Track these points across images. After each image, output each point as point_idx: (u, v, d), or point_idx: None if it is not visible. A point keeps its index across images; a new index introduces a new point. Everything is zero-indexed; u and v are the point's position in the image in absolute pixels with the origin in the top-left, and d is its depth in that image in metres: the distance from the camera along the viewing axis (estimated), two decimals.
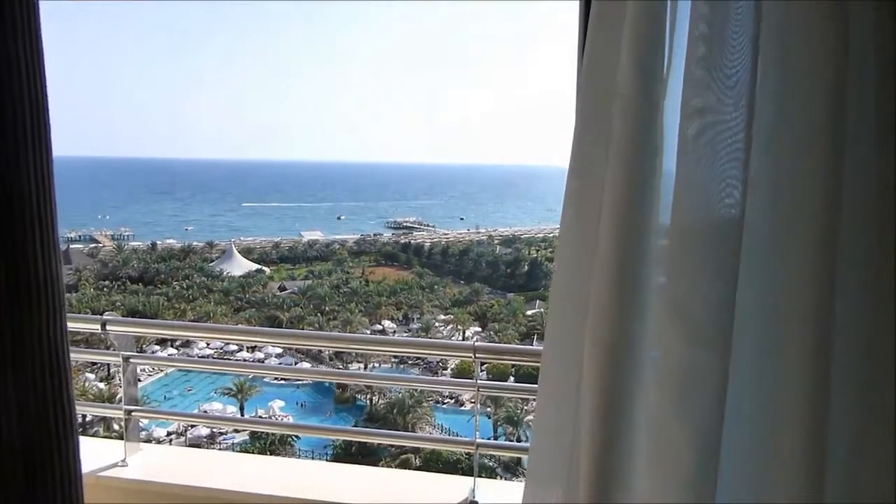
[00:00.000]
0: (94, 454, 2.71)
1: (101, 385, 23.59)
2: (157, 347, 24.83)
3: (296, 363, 25.73)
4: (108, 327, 2.67)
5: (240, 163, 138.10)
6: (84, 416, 17.69)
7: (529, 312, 31.73)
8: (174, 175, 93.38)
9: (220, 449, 20.82)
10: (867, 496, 1.10)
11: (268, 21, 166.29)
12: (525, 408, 23.58)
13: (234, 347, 26.37)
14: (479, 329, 30.33)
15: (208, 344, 26.11)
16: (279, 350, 26.35)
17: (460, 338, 29.31)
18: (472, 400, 24.17)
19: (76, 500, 0.79)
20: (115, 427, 17.67)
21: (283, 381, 26.72)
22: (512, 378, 21.94)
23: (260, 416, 22.44)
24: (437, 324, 31.32)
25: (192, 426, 22.48)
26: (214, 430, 22.73)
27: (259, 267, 38.62)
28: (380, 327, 30.77)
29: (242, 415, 22.99)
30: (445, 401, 25.94)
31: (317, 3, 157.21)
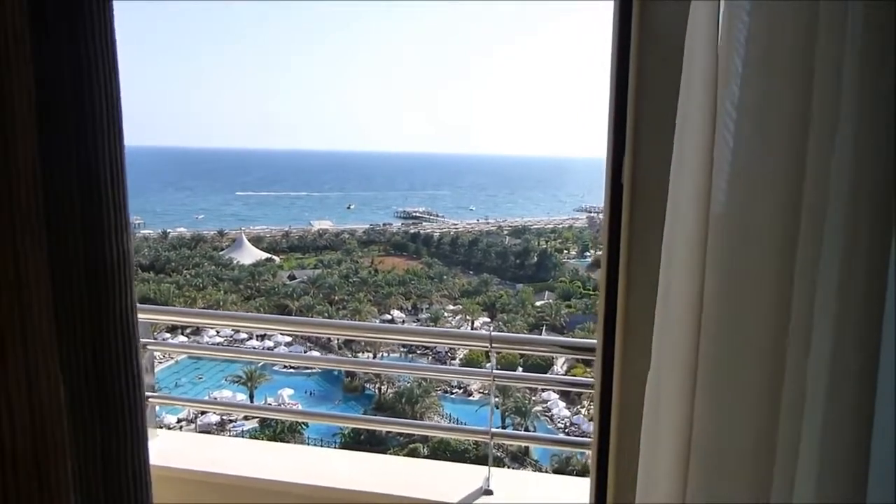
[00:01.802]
0: None
1: None
2: (168, 335, 24.98)
3: (305, 352, 25.83)
4: None
5: (249, 151, 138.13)
6: None
7: (538, 303, 31.70)
8: (184, 164, 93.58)
9: (230, 436, 20.98)
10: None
11: (276, 10, 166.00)
12: (533, 398, 23.61)
13: (244, 336, 26.48)
14: (488, 319, 30.33)
15: (218, 332, 26.23)
16: (288, 338, 26.46)
17: (469, 328, 29.32)
18: (482, 390, 24.24)
19: (146, 472, 0.82)
20: None
21: (291, 370, 26.84)
22: (520, 368, 21.96)
23: (269, 404, 22.56)
24: (445, 314, 31.34)
25: (203, 413, 22.64)
26: (224, 417, 22.90)
27: (269, 256, 38.72)
28: (389, 317, 30.81)
29: (252, 403, 23.12)
30: (454, 390, 25.99)
31: None
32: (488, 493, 2.52)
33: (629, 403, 1.32)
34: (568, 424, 23.55)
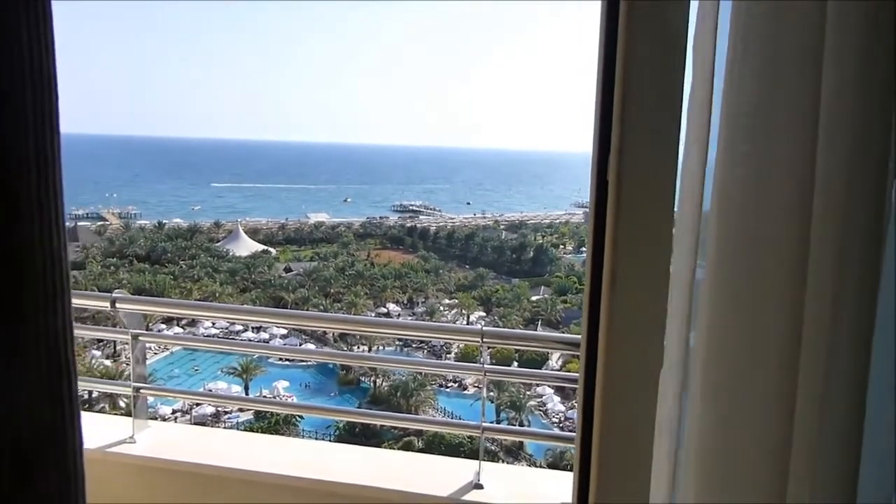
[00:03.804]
0: (102, 431, 2.74)
1: (107, 362, 23.77)
2: (164, 326, 24.94)
3: (300, 344, 25.84)
4: (117, 305, 2.69)
5: (247, 143, 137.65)
6: (90, 393, 17.84)
7: (534, 298, 31.75)
8: (181, 154, 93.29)
9: (224, 428, 21.00)
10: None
11: (276, 6, 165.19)
12: (528, 393, 23.65)
13: (240, 328, 26.51)
14: (484, 314, 30.35)
15: (214, 324, 26.24)
16: (284, 331, 26.47)
17: (464, 322, 29.31)
18: (476, 384, 24.27)
19: None
20: (121, 404, 17.83)
21: (287, 362, 26.88)
22: (515, 363, 22.00)
23: (264, 397, 22.57)
24: (441, 308, 31.35)
25: (198, 404, 22.64)
26: (219, 408, 22.91)
27: (265, 248, 38.69)
28: (384, 310, 30.82)
29: (247, 394, 23.14)
30: (448, 384, 26.02)
31: None
32: (479, 487, 2.52)
33: (613, 399, 1.33)
34: (563, 419, 23.62)
